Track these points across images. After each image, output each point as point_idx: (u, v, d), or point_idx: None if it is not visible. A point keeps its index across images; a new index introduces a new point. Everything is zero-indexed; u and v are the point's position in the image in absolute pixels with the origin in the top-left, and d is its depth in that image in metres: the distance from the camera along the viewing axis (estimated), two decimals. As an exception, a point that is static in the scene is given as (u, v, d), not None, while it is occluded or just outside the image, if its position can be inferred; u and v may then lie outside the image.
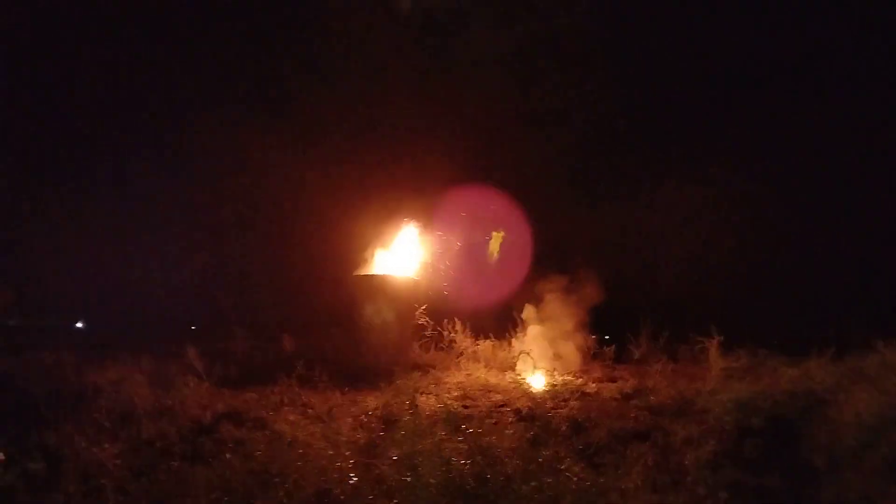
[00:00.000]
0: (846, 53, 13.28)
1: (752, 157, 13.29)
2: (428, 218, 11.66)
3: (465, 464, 5.58)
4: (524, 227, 12.30)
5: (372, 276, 10.99)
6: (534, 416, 7.66)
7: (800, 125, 13.11)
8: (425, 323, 10.92)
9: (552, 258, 11.97)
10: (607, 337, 11.30)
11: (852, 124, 12.88)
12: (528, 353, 10.05)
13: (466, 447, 5.92)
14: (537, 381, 9.44)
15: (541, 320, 11.00)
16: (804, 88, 13.26)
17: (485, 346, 10.90)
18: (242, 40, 14.40)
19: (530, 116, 13.81)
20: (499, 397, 8.63)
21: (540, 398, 8.35)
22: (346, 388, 9.00)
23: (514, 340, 10.89)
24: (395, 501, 5.37)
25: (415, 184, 12.21)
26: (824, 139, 13.09)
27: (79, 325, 15.53)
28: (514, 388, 9.03)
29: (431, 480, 5.35)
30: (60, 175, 15.38)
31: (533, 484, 5.25)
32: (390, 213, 11.66)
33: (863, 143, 13.04)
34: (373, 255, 11.33)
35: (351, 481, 5.67)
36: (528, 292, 11.35)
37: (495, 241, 11.98)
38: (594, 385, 9.29)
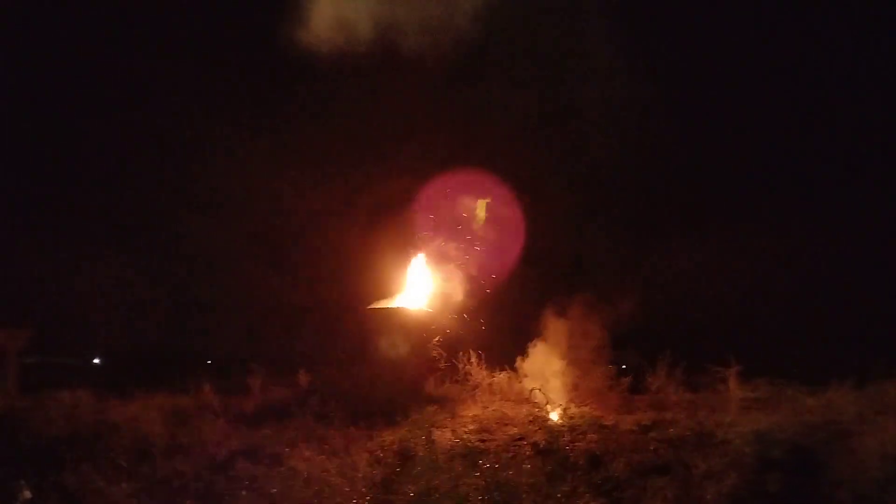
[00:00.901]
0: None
1: (772, 188, 13.29)
2: (442, 249, 11.70)
3: (482, 499, 5.53)
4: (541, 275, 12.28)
5: (386, 309, 10.99)
6: (551, 449, 7.57)
7: (818, 156, 13.14)
8: (440, 356, 10.88)
9: (569, 288, 11.92)
10: (624, 367, 11.19)
11: (871, 159, 12.90)
12: (538, 389, 9.94)
13: (483, 482, 5.87)
14: (554, 414, 9.34)
15: (557, 351, 10.92)
16: (835, 124, 13.27)
17: (500, 377, 10.82)
18: (253, 74, 14.61)
19: (558, 139, 13.82)
20: (515, 430, 8.55)
21: (557, 431, 8.25)
22: (362, 423, 8.96)
23: (529, 372, 10.81)
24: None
25: (428, 218, 12.24)
26: (841, 171, 13.10)
27: (96, 361, 15.60)
28: (530, 420, 8.93)
29: (449, 517, 5.30)
30: (75, 215, 15.57)
31: (552, 520, 5.19)
32: (404, 247, 11.71)
33: (880, 177, 13.02)
34: (387, 289, 11.36)
35: (368, 518, 5.62)
36: (543, 323, 11.30)
37: (481, 208, 11.91)
38: (611, 417, 9.17)
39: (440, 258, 11.89)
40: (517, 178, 12.58)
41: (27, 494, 5.73)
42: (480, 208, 12.01)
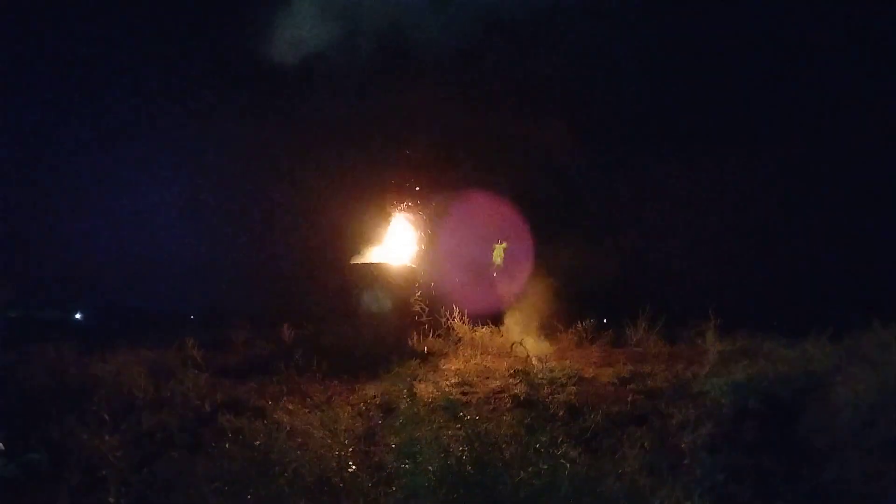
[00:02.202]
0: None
1: (748, 142, 13.31)
2: (423, 207, 11.69)
3: (463, 450, 5.59)
4: (524, 233, 12.35)
5: (368, 264, 11.00)
6: (531, 401, 7.67)
7: (796, 113, 13.15)
8: (422, 310, 10.94)
9: (551, 244, 11.97)
10: (605, 321, 11.32)
11: (848, 112, 12.91)
12: (521, 343, 10.04)
13: (464, 434, 5.93)
14: (535, 367, 9.43)
15: (539, 306, 11.01)
16: (803, 80, 13.27)
17: (482, 332, 10.91)
18: (247, 51, 14.44)
19: (533, 101, 13.76)
20: (496, 383, 8.66)
21: (537, 384, 8.34)
22: (345, 377, 9.04)
23: (511, 326, 10.91)
24: (393, 489, 5.39)
25: (409, 174, 12.19)
26: (819, 125, 13.13)
27: (78, 316, 15.58)
28: (511, 373, 9.04)
29: (430, 467, 5.36)
30: (58, 168, 15.41)
31: (530, 469, 5.27)
32: (385, 202, 11.67)
33: (858, 129, 13.06)
34: (369, 244, 11.35)
35: (350, 469, 5.69)
36: (525, 279, 11.37)
37: (498, 252, 12.10)
38: (591, 370, 9.30)
39: (423, 213, 11.89)
40: (499, 129, 12.54)
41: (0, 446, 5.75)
42: (497, 252, 12.18)
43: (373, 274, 10.67)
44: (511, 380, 8.71)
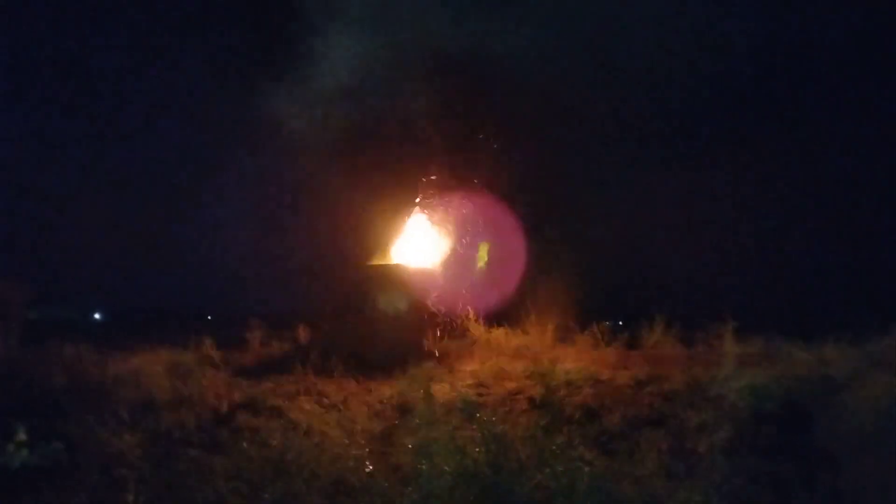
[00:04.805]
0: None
1: (766, 145, 13.21)
2: (439, 209, 11.70)
3: (479, 451, 5.61)
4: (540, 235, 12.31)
5: (385, 265, 11.04)
6: (547, 403, 7.67)
7: (815, 116, 13.04)
8: (438, 311, 10.97)
9: (568, 247, 11.95)
10: (621, 323, 11.28)
11: (862, 115, 12.80)
12: (538, 342, 10.04)
13: (480, 435, 5.95)
14: (551, 368, 9.41)
15: (554, 307, 10.99)
16: (818, 81, 13.16)
17: (498, 333, 10.92)
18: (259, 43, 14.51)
19: (550, 103, 13.70)
20: (512, 385, 8.64)
21: (553, 385, 8.33)
22: (361, 377, 9.08)
23: (527, 328, 10.90)
24: (409, 489, 5.41)
25: (427, 176, 12.20)
26: (837, 127, 13.01)
27: (97, 316, 15.73)
28: (527, 375, 9.02)
29: (446, 468, 5.38)
30: (76, 168, 15.57)
31: (546, 471, 5.27)
32: (403, 203, 11.70)
33: (872, 133, 12.95)
34: (386, 245, 11.39)
35: (366, 469, 5.72)
36: (540, 280, 11.36)
37: (482, 252, 12.08)
38: (607, 372, 9.25)
39: (439, 215, 11.91)
40: (518, 132, 12.52)
41: (22, 436, 5.87)
42: (482, 251, 12.18)
43: (389, 275, 10.71)
44: (527, 381, 8.70)
